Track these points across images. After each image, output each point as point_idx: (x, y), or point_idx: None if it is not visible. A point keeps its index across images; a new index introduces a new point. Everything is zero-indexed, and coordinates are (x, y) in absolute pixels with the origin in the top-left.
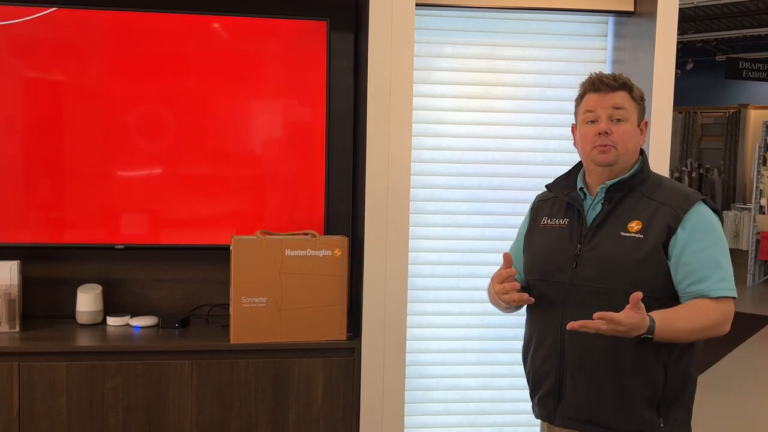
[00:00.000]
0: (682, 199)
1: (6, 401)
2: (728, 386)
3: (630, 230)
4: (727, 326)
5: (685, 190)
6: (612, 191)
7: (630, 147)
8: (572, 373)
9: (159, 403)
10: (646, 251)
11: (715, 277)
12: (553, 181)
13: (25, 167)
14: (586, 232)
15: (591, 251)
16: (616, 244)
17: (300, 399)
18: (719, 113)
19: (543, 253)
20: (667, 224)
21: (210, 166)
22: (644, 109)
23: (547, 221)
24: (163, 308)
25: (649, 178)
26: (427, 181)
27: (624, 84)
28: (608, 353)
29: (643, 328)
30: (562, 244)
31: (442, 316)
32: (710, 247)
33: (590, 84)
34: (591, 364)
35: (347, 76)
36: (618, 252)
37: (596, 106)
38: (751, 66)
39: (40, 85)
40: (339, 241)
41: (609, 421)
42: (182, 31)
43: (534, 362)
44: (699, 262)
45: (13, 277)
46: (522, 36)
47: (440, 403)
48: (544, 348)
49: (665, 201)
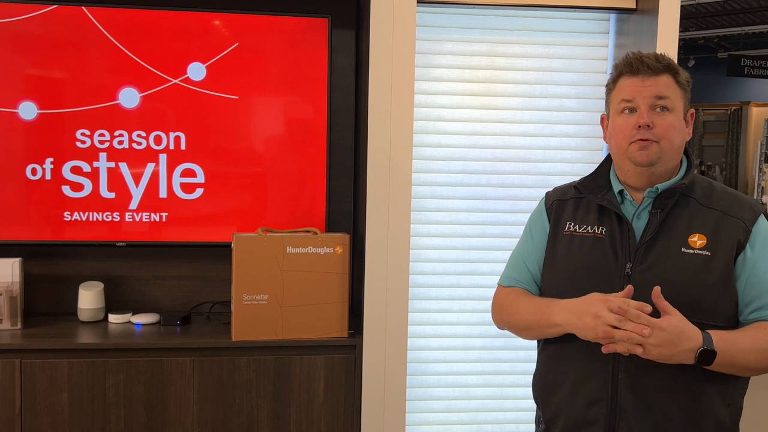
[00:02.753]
0: (747, 208)
1: (8, 398)
2: None
3: (693, 246)
4: None
5: (744, 197)
6: (663, 197)
7: (676, 143)
8: (628, 423)
9: (160, 400)
10: (718, 271)
11: None
12: (580, 180)
13: (27, 163)
14: (637, 247)
15: (646, 271)
16: (678, 263)
17: (301, 396)
18: (721, 110)
19: (578, 270)
20: (737, 239)
21: (211, 163)
22: (689, 97)
23: (575, 228)
24: (165, 305)
25: (699, 180)
26: (428, 178)
27: (669, 66)
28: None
29: (695, 339)
30: (604, 260)
31: (443, 313)
32: None
33: (627, 65)
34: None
35: (348, 74)
36: (683, 273)
37: (635, 94)
38: (753, 63)
39: (43, 80)
40: (340, 239)
41: None
42: (183, 28)
43: (571, 408)
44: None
45: (15, 274)
46: (523, 33)
47: (441, 400)
48: (587, 391)
49: (728, 210)
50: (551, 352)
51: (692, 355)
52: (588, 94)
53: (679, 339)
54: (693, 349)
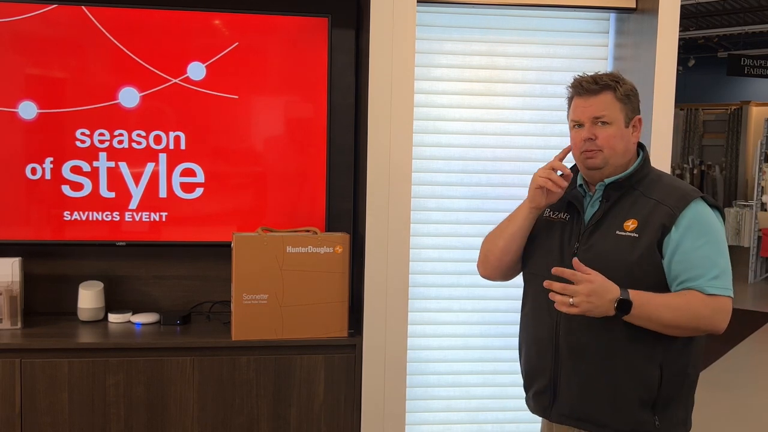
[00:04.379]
0: (679, 197)
1: (8, 398)
2: (730, 383)
3: (626, 229)
4: (720, 323)
5: (684, 188)
6: (610, 189)
7: (618, 149)
8: (567, 372)
9: (160, 400)
10: (640, 251)
11: (708, 275)
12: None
13: (27, 162)
14: (584, 231)
15: (587, 250)
16: (611, 243)
17: (301, 396)
18: (721, 110)
19: (541, 247)
20: (662, 223)
21: (211, 162)
22: (635, 105)
23: (550, 213)
24: (165, 305)
25: (649, 175)
26: (428, 178)
27: (606, 85)
28: (601, 353)
29: (615, 291)
30: (561, 240)
31: (443, 312)
32: (705, 246)
33: (573, 88)
34: (584, 365)
35: (348, 73)
36: (612, 251)
37: (580, 113)
38: (753, 63)
39: (43, 79)
40: (340, 238)
41: (603, 420)
42: (183, 27)
43: (529, 358)
44: (692, 261)
45: (15, 273)
46: (523, 33)
47: (441, 399)
48: (538, 345)
49: (662, 200)
50: (522, 313)
51: (612, 306)
52: None
53: (603, 290)
54: (613, 300)
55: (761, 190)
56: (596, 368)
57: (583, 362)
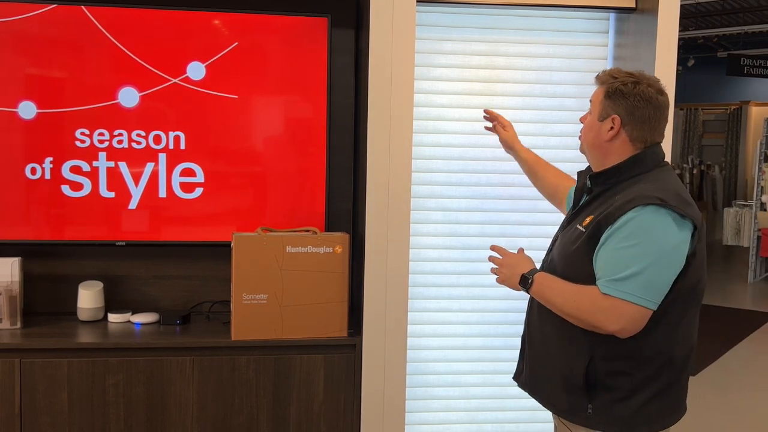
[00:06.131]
0: (630, 200)
1: (8, 397)
2: (729, 383)
3: (582, 224)
4: (604, 322)
5: (644, 194)
6: (593, 185)
7: (587, 139)
8: (528, 349)
9: (160, 400)
10: (577, 244)
11: (612, 276)
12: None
13: (26, 162)
14: (564, 223)
15: (558, 240)
16: (568, 235)
17: (301, 395)
18: (721, 110)
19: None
20: (604, 223)
21: (211, 162)
22: (621, 105)
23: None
24: (164, 305)
25: (636, 177)
26: (428, 177)
27: (603, 81)
28: (543, 336)
29: (526, 268)
30: (557, 231)
31: (443, 312)
32: (628, 248)
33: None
34: (534, 344)
35: (348, 73)
36: (565, 243)
37: None
38: (753, 63)
39: (43, 79)
40: (340, 238)
41: (547, 397)
42: (183, 27)
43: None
44: (606, 259)
45: (15, 273)
46: (523, 33)
47: (441, 400)
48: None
49: (619, 201)
50: None
51: (517, 279)
52: (588, 93)
53: (517, 264)
54: (518, 274)
55: (761, 190)
56: (540, 349)
57: (533, 343)
